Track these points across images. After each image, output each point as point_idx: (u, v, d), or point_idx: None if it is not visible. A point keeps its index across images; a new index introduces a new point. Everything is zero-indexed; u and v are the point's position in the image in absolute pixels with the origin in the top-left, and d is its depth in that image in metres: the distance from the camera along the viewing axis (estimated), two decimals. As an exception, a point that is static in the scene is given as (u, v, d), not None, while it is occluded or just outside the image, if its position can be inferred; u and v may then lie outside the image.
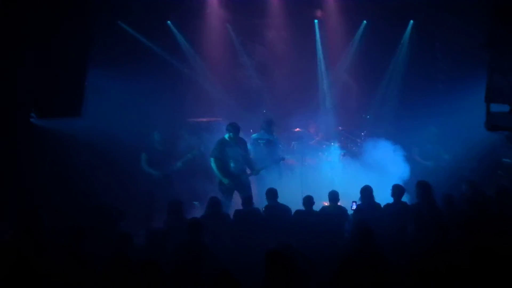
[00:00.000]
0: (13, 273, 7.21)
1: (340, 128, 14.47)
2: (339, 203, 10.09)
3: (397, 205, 9.69)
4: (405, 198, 10.04)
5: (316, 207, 10.12)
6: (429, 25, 14.84)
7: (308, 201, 9.77)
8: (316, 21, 15.51)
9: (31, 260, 7.45)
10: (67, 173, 11.74)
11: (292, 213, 9.86)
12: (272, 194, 9.96)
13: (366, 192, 9.89)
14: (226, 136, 11.46)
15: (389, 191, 10.00)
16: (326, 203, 11.18)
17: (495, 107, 9.58)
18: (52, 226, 9.15)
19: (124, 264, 7.20)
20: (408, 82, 14.73)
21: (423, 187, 9.68)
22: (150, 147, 12.08)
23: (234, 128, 11.44)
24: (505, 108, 9.40)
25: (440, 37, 14.94)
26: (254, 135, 12.79)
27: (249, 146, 12.11)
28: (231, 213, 10.05)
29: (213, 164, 11.43)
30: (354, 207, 9.90)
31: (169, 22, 14.90)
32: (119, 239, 8.10)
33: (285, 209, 9.89)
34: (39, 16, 9.73)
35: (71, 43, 9.97)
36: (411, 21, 15.10)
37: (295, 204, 10.24)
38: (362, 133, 14.19)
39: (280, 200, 10.09)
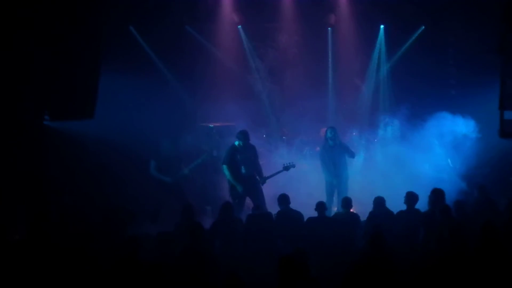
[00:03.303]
0: (22, 272, 7.26)
1: (354, 133, 14.42)
2: (352, 210, 10.06)
3: (409, 213, 9.65)
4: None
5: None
6: (441, 30, 14.81)
7: (321, 206, 9.73)
8: (329, 28, 15.51)
9: (40, 260, 7.49)
10: (78, 175, 11.79)
11: (305, 219, 9.81)
12: (284, 199, 9.92)
13: (379, 202, 9.88)
14: (236, 143, 11.50)
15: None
16: (335, 208, 11.27)
17: (509, 114, 9.56)
18: (62, 227, 9.21)
19: (132, 266, 7.21)
20: (420, 87, 14.65)
21: (436, 194, 9.63)
22: (158, 154, 12.08)
23: (244, 135, 11.50)
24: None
25: (452, 43, 14.90)
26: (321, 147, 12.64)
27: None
28: (243, 218, 10.03)
29: (226, 171, 11.48)
30: None
31: (187, 27, 14.95)
32: (128, 241, 8.11)
33: (297, 214, 9.84)
34: (52, 21, 9.79)
35: (84, 47, 10.04)
36: (422, 27, 15.08)
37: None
38: (376, 139, 14.12)
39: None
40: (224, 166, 11.49)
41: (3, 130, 10.41)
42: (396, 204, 9.95)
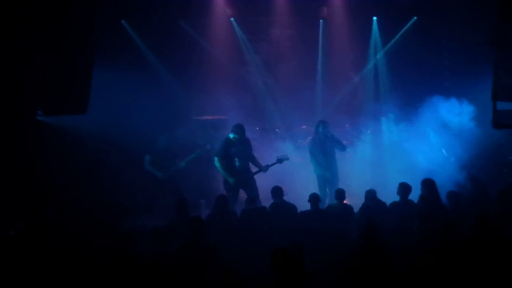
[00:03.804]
0: (18, 268, 7.25)
1: (346, 125, 14.44)
2: (345, 201, 10.07)
3: (403, 204, 9.67)
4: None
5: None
6: (435, 22, 14.80)
7: (315, 198, 9.74)
8: (321, 21, 15.50)
9: (35, 256, 7.48)
10: (72, 170, 11.77)
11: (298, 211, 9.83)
12: (277, 192, 9.94)
13: (370, 195, 9.90)
14: (231, 136, 11.47)
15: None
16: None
17: (501, 105, 9.58)
18: (57, 222, 9.20)
19: (128, 261, 7.21)
20: (413, 79, 14.65)
21: (428, 185, 9.64)
22: (153, 149, 12.11)
23: (240, 129, 11.49)
24: (511, 106, 9.40)
25: (446, 34, 14.90)
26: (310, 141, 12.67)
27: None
28: (237, 211, 10.04)
29: (217, 163, 11.47)
30: None
31: (181, 22, 14.91)
32: (122, 236, 8.10)
33: (291, 207, 9.87)
34: (46, 16, 9.76)
35: (77, 41, 10.00)
36: (414, 18, 15.08)
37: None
38: (368, 131, 14.14)
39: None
40: (216, 158, 11.49)
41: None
42: (389, 195, 9.98)
